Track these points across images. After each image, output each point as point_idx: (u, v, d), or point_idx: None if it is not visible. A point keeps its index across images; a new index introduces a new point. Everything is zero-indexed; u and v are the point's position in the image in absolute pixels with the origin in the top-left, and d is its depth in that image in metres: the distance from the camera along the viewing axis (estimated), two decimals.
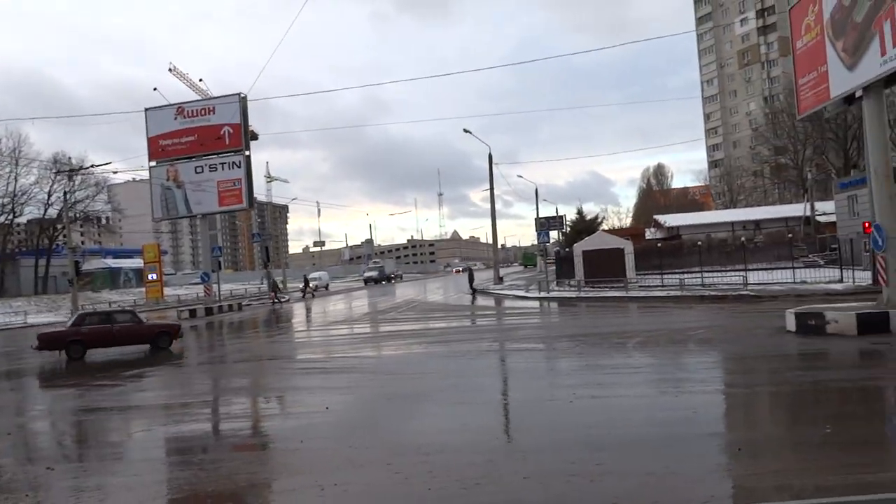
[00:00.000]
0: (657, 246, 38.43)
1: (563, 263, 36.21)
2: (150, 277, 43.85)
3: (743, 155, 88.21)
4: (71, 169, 49.09)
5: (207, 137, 36.70)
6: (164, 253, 59.56)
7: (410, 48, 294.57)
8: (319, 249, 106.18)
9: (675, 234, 56.27)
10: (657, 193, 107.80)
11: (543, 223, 46.46)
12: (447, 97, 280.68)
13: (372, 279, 66.44)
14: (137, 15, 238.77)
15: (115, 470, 6.92)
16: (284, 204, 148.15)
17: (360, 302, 37.57)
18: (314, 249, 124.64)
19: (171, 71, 61.25)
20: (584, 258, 31.12)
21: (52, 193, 54.53)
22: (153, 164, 38.03)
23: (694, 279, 28.23)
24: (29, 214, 59.43)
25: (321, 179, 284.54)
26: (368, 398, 9.91)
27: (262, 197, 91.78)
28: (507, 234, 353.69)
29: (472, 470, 5.91)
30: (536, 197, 57.79)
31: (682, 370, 10.81)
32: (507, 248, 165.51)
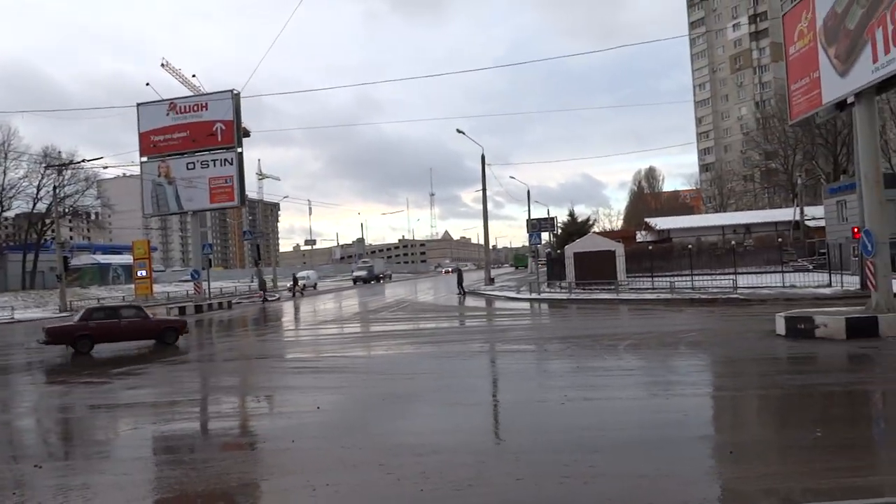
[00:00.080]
0: (648, 249, 38.60)
1: (554, 265, 36.30)
2: (139, 274, 43.44)
3: (734, 159, 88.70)
4: (61, 163, 48.67)
5: (200, 134, 36.53)
6: (153, 249, 59.13)
7: (402, 48, 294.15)
8: (310, 248, 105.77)
9: (665, 237, 56.55)
10: (648, 196, 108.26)
11: (535, 224, 46.55)
12: (439, 97, 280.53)
13: (361, 279, 65.92)
14: (129, 9, 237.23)
15: (103, 468, 6.86)
16: (276, 202, 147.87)
17: (349, 302, 37.47)
18: (305, 248, 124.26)
19: (163, 66, 61.01)
20: (575, 260, 31.18)
21: (41, 188, 53.97)
22: (144, 159, 37.84)
23: (684, 282, 28.39)
24: (17, 209, 58.86)
25: (312, 178, 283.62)
26: (360, 398, 9.87)
27: (253, 195, 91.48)
28: (498, 235, 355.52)
29: (464, 471, 5.90)
30: (528, 198, 57.56)
31: (673, 373, 10.85)
32: (498, 249, 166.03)
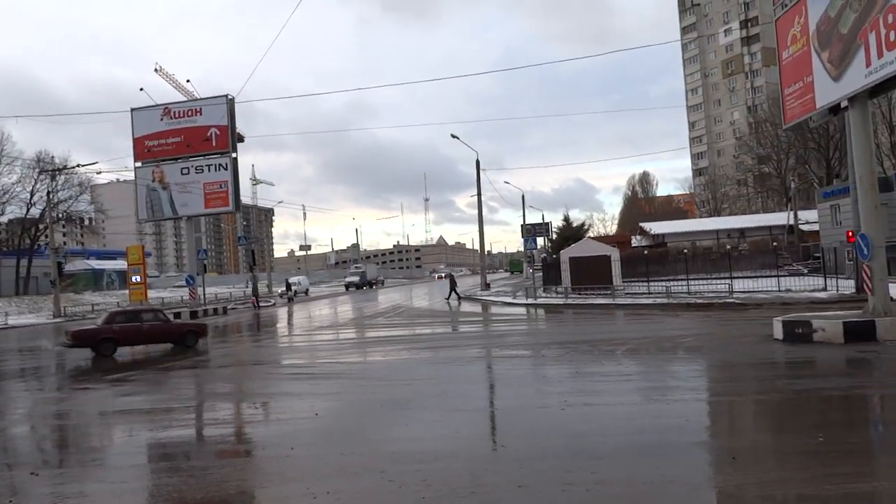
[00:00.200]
0: (643, 253, 38.71)
1: (549, 270, 36.29)
2: (133, 279, 43.26)
3: (727, 163, 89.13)
4: (55, 168, 48.39)
5: (194, 139, 36.41)
6: (148, 255, 58.88)
7: (396, 53, 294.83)
8: (305, 253, 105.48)
9: (660, 241, 56.75)
10: (642, 201, 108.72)
11: (530, 230, 46.55)
12: (433, 102, 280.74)
13: (353, 284, 65.45)
14: (122, 15, 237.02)
15: (99, 476, 6.78)
16: (270, 207, 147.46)
17: (342, 308, 37.35)
18: (300, 253, 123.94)
19: (156, 71, 60.46)
20: (571, 265, 31.18)
21: (34, 193, 53.68)
22: (139, 164, 37.67)
23: (680, 287, 28.41)
24: (10, 214, 58.42)
25: (306, 183, 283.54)
26: (358, 404, 9.80)
27: (247, 200, 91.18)
28: (492, 240, 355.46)
29: (466, 478, 5.86)
30: (523, 203, 57.62)
31: (672, 378, 10.83)
32: (492, 254, 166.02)
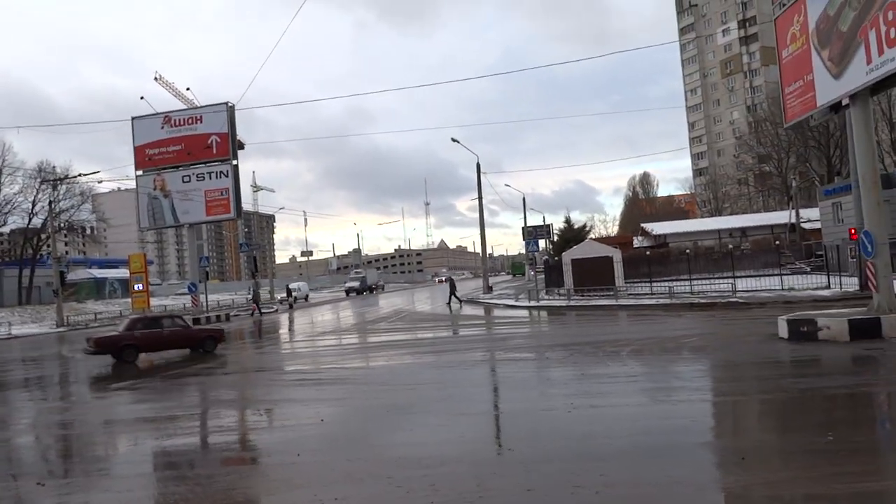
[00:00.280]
0: (645, 254, 38.67)
1: (552, 272, 36.23)
2: (136, 287, 43.29)
3: (727, 163, 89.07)
4: (56, 178, 48.48)
5: (195, 146, 36.48)
6: (149, 263, 58.88)
7: (393, 57, 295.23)
8: (306, 259, 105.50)
9: (662, 242, 56.69)
10: (643, 202, 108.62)
11: (531, 232, 46.62)
12: (432, 106, 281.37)
13: (354, 290, 64.83)
14: (121, 24, 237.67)
15: (105, 486, 6.76)
16: (271, 214, 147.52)
17: (344, 313, 37.28)
18: (301, 259, 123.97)
19: (156, 80, 60.63)
20: (573, 267, 31.14)
21: (36, 203, 53.68)
22: (140, 173, 37.74)
23: (683, 287, 28.37)
24: (12, 224, 58.46)
25: (307, 189, 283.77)
26: (363, 410, 9.77)
27: (248, 207, 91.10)
28: (493, 243, 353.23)
29: (473, 482, 5.84)
30: (524, 206, 57.71)
31: (677, 378, 10.80)
32: (494, 256, 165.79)
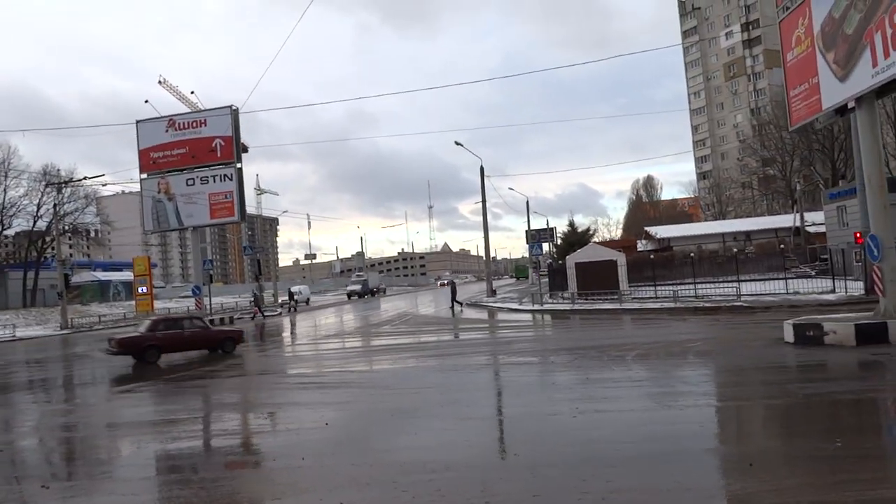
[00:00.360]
0: (649, 258, 38.59)
1: (555, 275, 36.17)
2: (140, 290, 43.44)
3: (731, 166, 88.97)
4: (61, 181, 48.67)
5: (199, 150, 36.53)
6: (153, 266, 58.99)
7: (396, 61, 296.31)
8: (310, 262, 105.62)
9: (666, 245, 56.55)
10: (647, 205, 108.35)
11: (535, 235, 46.50)
12: (435, 110, 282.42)
13: (355, 293, 64.68)
14: (124, 28, 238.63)
15: (109, 489, 6.74)
16: (275, 217, 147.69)
17: (347, 317, 37.26)
18: (305, 262, 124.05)
19: (160, 83, 60.87)
20: (577, 270, 31.09)
21: (41, 206, 54.17)
22: (144, 176, 37.81)
23: (687, 291, 28.28)
24: (17, 227, 58.91)
25: (310, 192, 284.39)
26: (368, 413, 9.74)
27: (252, 210, 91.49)
28: (497, 246, 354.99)
29: (479, 487, 5.81)
30: (528, 209, 57.40)
31: (684, 383, 10.73)
32: (497, 260, 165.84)
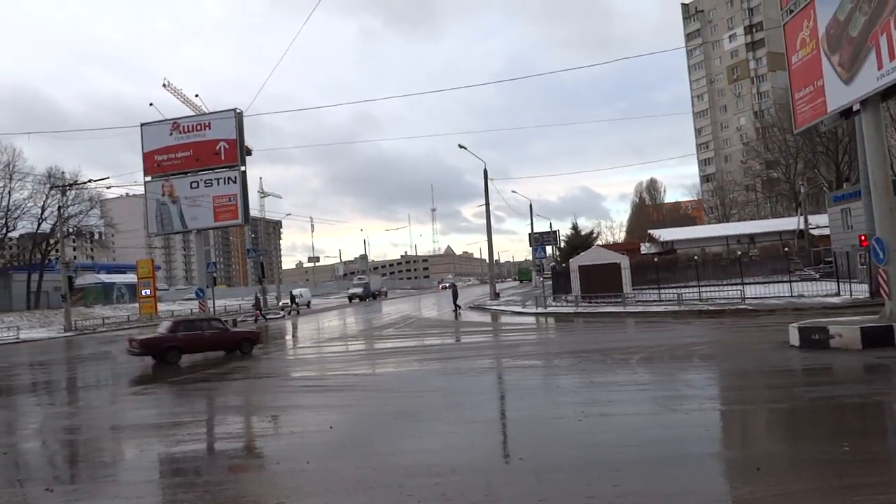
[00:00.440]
0: (653, 260, 38.52)
1: (559, 278, 36.11)
2: (143, 293, 43.55)
3: (735, 169, 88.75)
4: (66, 184, 48.84)
5: (203, 153, 36.55)
6: (157, 268, 59.13)
7: (399, 64, 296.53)
8: (313, 265, 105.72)
9: (669, 248, 56.43)
10: (650, 208, 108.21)
11: (538, 238, 46.42)
12: (438, 113, 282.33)
13: (357, 296, 64.38)
14: (128, 30, 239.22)
15: (113, 492, 6.72)
16: (278, 219, 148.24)
17: (349, 319, 37.25)
18: (308, 265, 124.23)
19: (165, 86, 61.31)
20: (580, 273, 31.03)
21: (45, 208, 54.33)
22: (148, 179, 37.84)
23: (691, 294, 28.20)
24: (22, 229, 59.06)
25: (314, 195, 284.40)
26: (372, 417, 9.72)
27: (255, 212, 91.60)
28: (500, 249, 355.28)
29: (485, 491, 5.78)
30: (531, 212, 57.38)
31: (689, 387, 10.69)
32: (500, 263, 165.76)
